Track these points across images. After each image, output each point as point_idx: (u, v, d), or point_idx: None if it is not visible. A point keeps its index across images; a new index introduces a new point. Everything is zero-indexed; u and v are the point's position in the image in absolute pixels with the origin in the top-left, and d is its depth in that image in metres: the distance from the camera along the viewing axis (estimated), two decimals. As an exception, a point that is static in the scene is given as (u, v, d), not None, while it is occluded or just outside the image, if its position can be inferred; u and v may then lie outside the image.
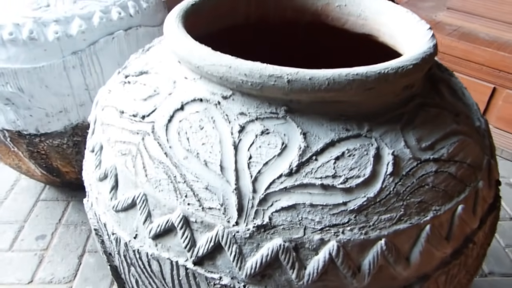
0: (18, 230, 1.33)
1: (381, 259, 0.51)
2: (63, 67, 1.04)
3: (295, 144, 0.53)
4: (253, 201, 0.51)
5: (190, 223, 0.53)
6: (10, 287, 1.18)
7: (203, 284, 0.54)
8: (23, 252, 1.27)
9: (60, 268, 1.23)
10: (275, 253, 0.50)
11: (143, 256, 0.57)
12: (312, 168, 0.51)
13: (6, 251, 1.27)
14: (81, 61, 1.05)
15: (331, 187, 0.51)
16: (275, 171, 0.51)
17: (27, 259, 1.25)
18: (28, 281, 1.20)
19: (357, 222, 0.51)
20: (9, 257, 1.26)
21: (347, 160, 0.52)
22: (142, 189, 0.56)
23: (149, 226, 0.55)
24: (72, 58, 1.04)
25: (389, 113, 0.56)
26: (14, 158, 1.23)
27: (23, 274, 1.22)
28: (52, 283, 1.19)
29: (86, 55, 1.05)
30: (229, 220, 0.51)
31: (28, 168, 1.27)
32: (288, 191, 0.51)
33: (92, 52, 1.06)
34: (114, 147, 0.60)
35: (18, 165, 1.28)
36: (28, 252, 1.27)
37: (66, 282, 1.19)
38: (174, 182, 0.54)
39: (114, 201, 0.59)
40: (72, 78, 1.06)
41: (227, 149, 0.53)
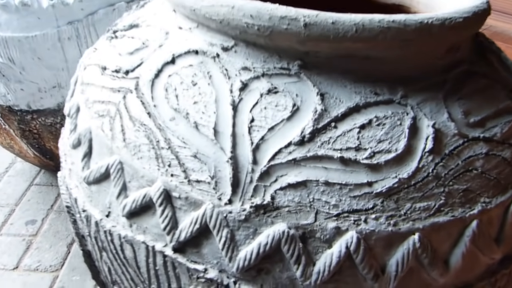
0: (8, 213, 1.24)
1: (413, 260, 0.40)
2: (57, 37, 0.95)
3: (310, 106, 0.42)
4: (252, 175, 0.40)
5: (172, 199, 0.42)
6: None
7: (184, 276, 0.43)
8: (11, 237, 1.18)
9: (48, 256, 1.13)
10: (277, 243, 0.39)
11: (115, 239, 0.46)
12: (329, 137, 0.40)
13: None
14: (78, 32, 0.96)
15: (354, 162, 0.40)
16: (283, 138, 0.41)
17: (15, 244, 1.16)
18: (13, 267, 1.11)
19: (384, 209, 0.39)
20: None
21: (375, 130, 0.41)
22: (118, 156, 0.45)
23: (123, 202, 0.44)
24: (68, 29, 0.95)
25: (429, 78, 0.45)
26: (6, 137, 1.15)
27: (9, 260, 1.12)
28: (38, 270, 1.10)
29: (83, 26, 0.96)
30: (220, 197, 0.40)
31: (20, 149, 1.19)
32: (297, 164, 0.40)
33: (90, 23, 0.96)
34: (91, 108, 0.50)
35: (10, 145, 1.19)
36: (16, 237, 1.18)
37: (53, 271, 1.09)
38: (156, 148, 0.43)
39: (86, 171, 0.49)
40: (67, 50, 0.97)
41: (224, 110, 0.42)
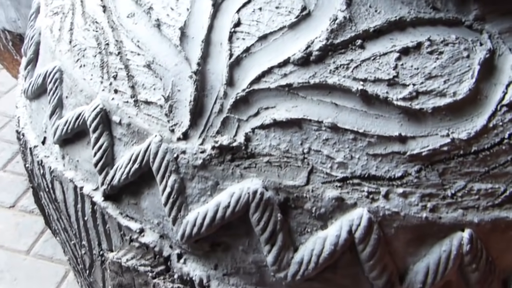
0: (16, 151, 1.19)
1: (454, 270, 0.25)
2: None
3: (327, 12, 0.27)
4: (223, 101, 0.26)
5: (111, 125, 0.30)
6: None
7: (116, 235, 0.30)
8: (14, 175, 1.13)
9: (45, 202, 1.06)
10: (243, 207, 0.25)
11: (47, 174, 0.35)
12: (350, 60, 0.26)
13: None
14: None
15: (382, 101, 0.25)
16: (278, 53, 0.26)
17: (16, 183, 1.11)
18: (10, 205, 1.05)
19: (420, 183, 0.25)
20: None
21: (425, 60, 0.26)
22: (59, 63, 0.33)
23: (56, 123, 0.32)
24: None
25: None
26: (18, 69, 1.08)
27: (7, 197, 1.07)
28: (33, 213, 1.04)
29: None
30: (173, 128, 0.27)
31: (35, 84, 1.12)
32: (293, 94, 0.26)
33: None
34: (49, 6, 0.38)
35: (25, 79, 1.13)
36: (19, 176, 1.13)
37: (46, 219, 1.02)
38: (104, 53, 0.31)
39: (27, 82, 0.37)
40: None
41: (201, 7, 0.29)
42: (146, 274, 0.28)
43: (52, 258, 0.95)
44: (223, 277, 0.27)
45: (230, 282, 0.27)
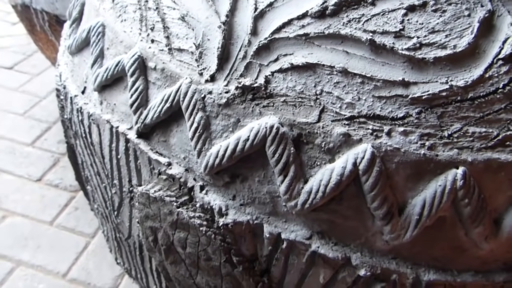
0: (45, 129, 1.25)
1: (448, 205, 0.28)
2: None
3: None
4: (247, 49, 0.30)
5: (147, 71, 0.33)
6: (18, 179, 1.10)
7: (145, 170, 0.34)
8: (41, 151, 1.19)
9: (70, 176, 1.12)
10: (261, 140, 0.29)
11: (85, 119, 0.39)
12: (361, 15, 0.29)
13: (27, 145, 1.20)
14: None
15: (389, 50, 0.28)
16: (298, 8, 0.30)
17: (43, 158, 1.17)
18: (37, 179, 1.11)
19: (420, 124, 0.27)
20: (27, 151, 1.18)
21: (429, 16, 0.29)
22: (102, 18, 0.37)
23: (97, 72, 0.37)
24: None
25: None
26: (52, 50, 1.14)
27: (34, 171, 1.13)
28: (58, 187, 1.09)
29: None
30: (202, 71, 0.31)
31: (65, 66, 1.18)
32: (309, 42, 0.29)
33: None
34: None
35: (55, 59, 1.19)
36: (46, 152, 1.18)
37: (71, 191, 1.08)
38: (143, 8, 0.34)
39: (71, 39, 0.41)
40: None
41: (231, -32, 0.32)
42: (171, 203, 0.32)
43: (74, 229, 1.00)
44: (240, 206, 0.31)
45: (246, 211, 0.31)
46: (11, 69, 1.46)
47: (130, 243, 0.41)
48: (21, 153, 1.17)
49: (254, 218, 0.30)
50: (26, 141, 1.21)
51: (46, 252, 0.95)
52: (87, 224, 0.99)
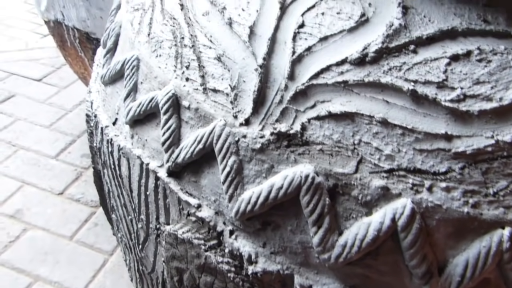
0: (69, 143, 1.27)
1: (492, 266, 0.26)
2: (144, -33, 0.92)
3: (384, 19, 0.30)
4: (283, 93, 0.29)
5: (180, 109, 0.33)
6: (41, 192, 1.12)
7: (174, 209, 0.34)
8: (65, 164, 1.20)
9: (92, 191, 1.13)
10: (295, 190, 0.28)
11: (115, 151, 0.39)
12: (403, 63, 0.28)
13: (51, 157, 1.22)
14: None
15: (431, 101, 0.27)
16: (336, 53, 0.29)
17: (66, 172, 1.18)
18: (59, 192, 1.12)
19: (463, 180, 0.26)
20: (51, 164, 1.20)
21: (474, 66, 0.28)
22: (138, 52, 0.38)
23: (129, 105, 0.37)
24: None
25: None
26: (81, 65, 1.16)
27: (57, 184, 1.15)
28: (79, 202, 1.10)
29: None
30: (237, 114, 0.30)
31: (92, 82, 1.20)
32: (348, 90, 0.28)
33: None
34: (130, 3, 0.43)
35: (84, 76, 1.21)
36: (70, 166, 1.20)
37: (92, 206, 1.09)
38: (179, 45, 0.34)
39: (105, 69, 0.42)
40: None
41: (269, 9, 0.32)
42: (199, 246, 0.31)
43: (93, 246, 1.01)
44: (270, 254, 0.30)
45: (277, 260, 0.30)
46: (39, 81, 1.50)
47: (153, 277, 0.40)
48: (45, 165, 1.19)
49: (285, 268, 0.29)
50: (51, 153, 1.23)
51: (64, 268, 0.95)
52: (106, 241, 1.00)
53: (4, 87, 1.42)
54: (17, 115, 1.32)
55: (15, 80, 1.46)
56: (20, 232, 0.99)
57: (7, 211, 1.03)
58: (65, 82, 1.49)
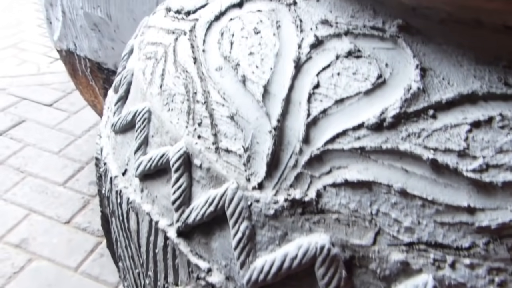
0: (77, 169, 1.27)
1: None
2: (155, 2, 0.93)
3: (402, 82, 0.29)
4: (298, 157, 0.29)
5: (192, 167, 0.32)
6: (47, 220, 1.11)
7: (183, 271, 0.33)
8: (72, 192, 1.20)
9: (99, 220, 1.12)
10: (310, 260, 0.27)
11: (124, 203, 0.38)
12: (422, 129, 0.27)
13: (59, 185, 1.22)
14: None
15: (452, 171, 0.26)
16: (353, 117, 0.29)
17: (73, 200, 1.18)
18: (65, 221, 1.12)
19: (488, 257, 0.25)
20: (59, 192, 1.20)
21: (496, 134, 0.27)
22: (149, 104, 0.37)
23: (140, 159, 0.36)
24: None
25: None
26: (91, 93, 1.17)
27: (64, 213, 1.14)
28: (85, 231, 1.09)
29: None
30: (250, 177, 0.30)
31: (102, 109, 1.21)
32: (365, 156, 0.27)
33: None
34: (142, 50, 0.43)
35: (94, 103, 1.22)
36: (77, 194, 1.20)
37: (98, 236, 1.08)
38: (191, 100, 0.34)
39: (116, 117, 0.41)
40: (162, 15, 0.94)
41: (284, 67, 0.32)
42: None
43: (98, 278, 0.99)
44: (282, 323, 0.29)
45: (289, 329, 0.28)
46: (50, 106, 1.52)
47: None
48: (52, 192, 1.19)
49: None
50: (59, 180, 1.23)
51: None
52: (111, 273, 0.98)
53: (15, 112, 1.44)
54: (26, 141, 1.33)
55: (26, 105, 1.48)
56: (25, 262, 0.98)
57: (13, 240, 1.03)
58: (75, 107, 1.50)
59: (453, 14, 0.29)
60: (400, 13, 0.31)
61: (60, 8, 1.02)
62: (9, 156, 1.26)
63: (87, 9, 0.97)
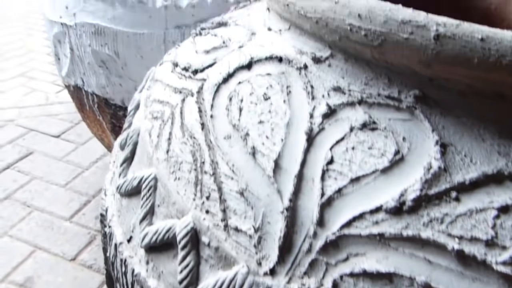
0: (84, 203, 1.26)
1: None
2: (163, 39, 0.93)
3: (421, 159, 0.27)
4: (312, 241, 0.27)
5: (199, 244, 0.31)
6: (53, 257, 1.10)
7: None
8: (78, 227, 1.19)
9: (104, 257, 1.10)
10: None
11: (129, 273, 0.37)
12: (445, 214, 0.26)
13: (65, 220, 1.20)
14: (183, 37, 0.94)
15: (480, 263, 0.24)
16: (370, 198, 0.27)
17: (79, 235, 1.16)
18: (71, 258, 1.10)
19: None
20: (65, 227, 1.18)
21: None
22: (155, 171, 0.36)
23: (145, 230, 0.34)
24: (175, 32, 0.93)
25: None
26: (99, 128, 1.17)
27: (70, 249, 1.12)
28: (91, 268, 1.07)
29: (190, 31, 0.93)
30: (261, 261, 0.28)
31: (109, 143, 1.20)
32: (384, 244, 0.26)
33: (198, 29, 0.93)
34: (148, 108, 0.42)
35: (101, 137, 1.22)
36: (83, 229, 1.18)
37: (103, 274, 1.05)
38: (199, 170, 0.33)
39: (121, 179, 0.40)
40: (169, 52, 0.95)
41: (295, 139, 0.30)
42: None
43: (103, 320, 0.96)
44: None
45: None
46: (58, 137, 1.52)
47: None
48: (58, 228, 1.18)
49: None
50: (65, 215, 1.22)
51: None
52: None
53: (23, 144, 1.44)
54: (34, 174, 1.32)
55: (34, 137, 1.48)
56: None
57: (18, 278, 1.01)
58: (83, 138, 1.50)
59: (473, 86, 0.28)
60: (416, 83, 0.30)
61: (68, 45, 1.03)
62: (16, 189, 1.25)
63: (95, 47, 0.98)
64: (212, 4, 0.94)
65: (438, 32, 0.26)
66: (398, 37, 0.28)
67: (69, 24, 0.99)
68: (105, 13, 0.95)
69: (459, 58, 0.26)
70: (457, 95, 0.29)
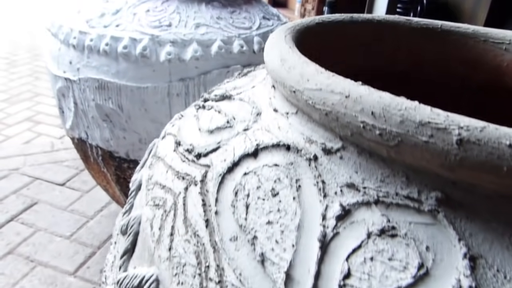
0: (89, 255, 1.23)
1: None
2: (167, 92, 0.93)
3: (449, 274, 0.25)
4: None
5: None
6: (55, 317, 1.06)
7: None
8: (83, 281, 1.15)
9: (108, 315, 1.06)
10: None
11: None
12: None
13: (69, 274, 1.17)
14: (187, 89, 0.93)
15: None
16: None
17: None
18: (74, 317, 1.06)
19: None
20: (69, 282, 1.15)
21: None
22: (157, 271, 0.33)
23: None
24: (179, 85, 0.93)
25: None
26: (103, 179, 1.16)
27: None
28: (95, 330, 1.03)
29: (194, 84, 0.93)
30: None
31: (114, 193, 1.19)
32: None
33: (201, 82, 0.93)
34: (150, 191, 0.40)
35: (106, 188, 1.20)
36: (87, 283, 1.15)
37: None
38: (204, 276, 0.30)
39: (122, 273, 0.38)
40: (173, 106, 0.94)
41: (307, 245, 0.28)
42: None
43: None
44: None
45: None
46: (62, 186, 1.50)
47: None
48: (62, 283, 1.14)
49: None
50: (69, 269, 1.19)
51: None
52: None
53: (27, 194, 1.42)
54: (37, 225, 1.30)
55: (38, 186, 1.47)
56: None
57: None
58: (88, 185, 1.49)
59: (500, 191, 0.25)
60: (437, 184, 0.27)
61: (72, 99, 1.03)
62: (19, 243, 1.23)
63: (99, 101, 0.98)
64: (216, 56, 0.94)
65: (461, 137, 0.24)
66: (416, 139, 0.25)
67: (72, 79, 0.99)
68: (108, 68, 0.95)
69: (486, 166, 0.24)
70: (484, 198, 0.26)
